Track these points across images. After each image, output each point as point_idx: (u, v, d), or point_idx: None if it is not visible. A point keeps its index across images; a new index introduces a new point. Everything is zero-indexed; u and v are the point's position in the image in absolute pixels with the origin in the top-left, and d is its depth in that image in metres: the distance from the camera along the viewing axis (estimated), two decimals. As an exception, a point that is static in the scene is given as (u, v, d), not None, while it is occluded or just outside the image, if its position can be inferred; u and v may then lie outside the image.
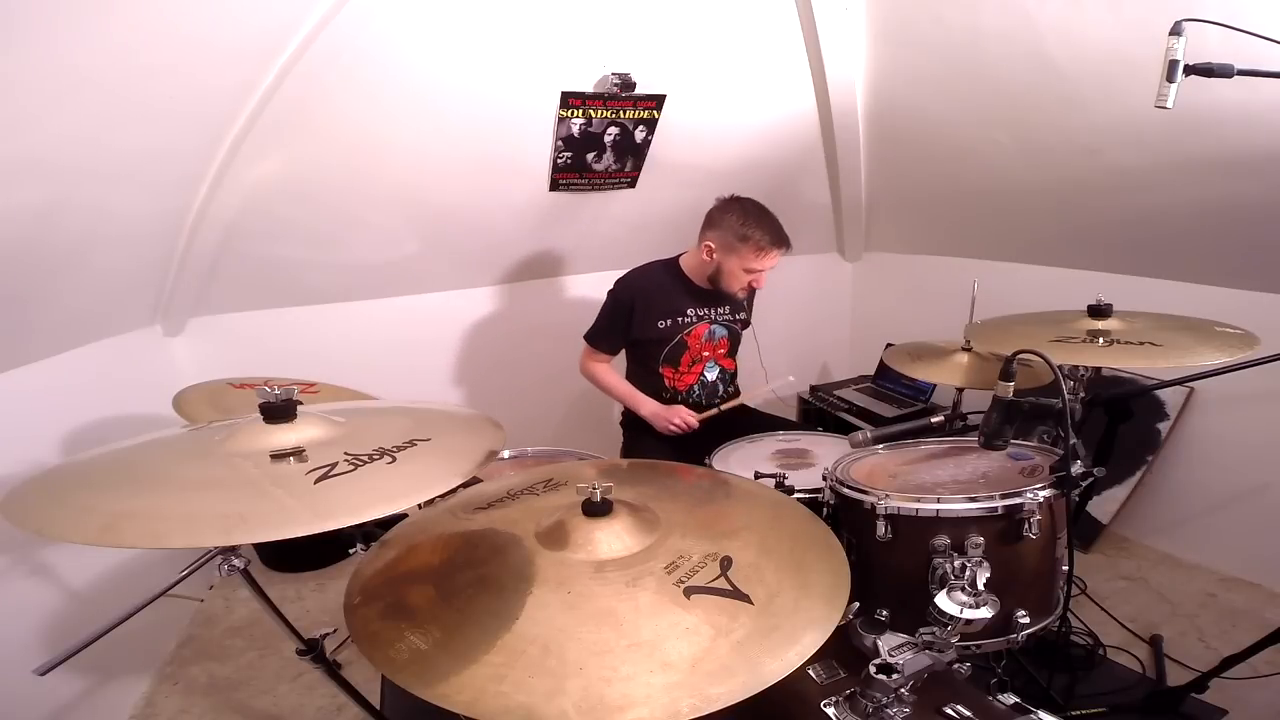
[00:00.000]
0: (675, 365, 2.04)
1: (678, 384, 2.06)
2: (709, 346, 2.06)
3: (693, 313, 2.01)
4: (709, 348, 2.06)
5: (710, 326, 2.05)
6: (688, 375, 2.06)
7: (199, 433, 0.99)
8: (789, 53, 2.38)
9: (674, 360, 2.03)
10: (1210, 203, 1.97)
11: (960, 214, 2.74)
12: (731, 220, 1.86)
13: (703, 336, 2.04)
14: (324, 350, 2.38)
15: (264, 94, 1.71)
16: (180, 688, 1.90)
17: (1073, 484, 1.21)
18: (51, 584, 1.65)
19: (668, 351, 2.02)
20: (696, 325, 2.02)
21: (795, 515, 1.06)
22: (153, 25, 1.33)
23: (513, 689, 0.70)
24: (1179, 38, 1.14)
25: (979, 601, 1.00)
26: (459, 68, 1.92)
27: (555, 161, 2.31)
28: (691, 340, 2.03)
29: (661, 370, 2.04)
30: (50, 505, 0.79)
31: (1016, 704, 0.99)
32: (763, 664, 0.74)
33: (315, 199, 2.07)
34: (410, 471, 0.86)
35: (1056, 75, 1.97)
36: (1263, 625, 1.65)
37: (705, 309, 2.03)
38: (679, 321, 2.00)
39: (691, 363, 2.05)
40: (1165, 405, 2.26)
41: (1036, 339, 1.51)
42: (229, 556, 0.96)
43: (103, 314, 1.91)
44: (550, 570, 0.87)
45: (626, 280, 2.03)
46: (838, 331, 3.47)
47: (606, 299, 2.05)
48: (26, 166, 1.31)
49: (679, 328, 2.00)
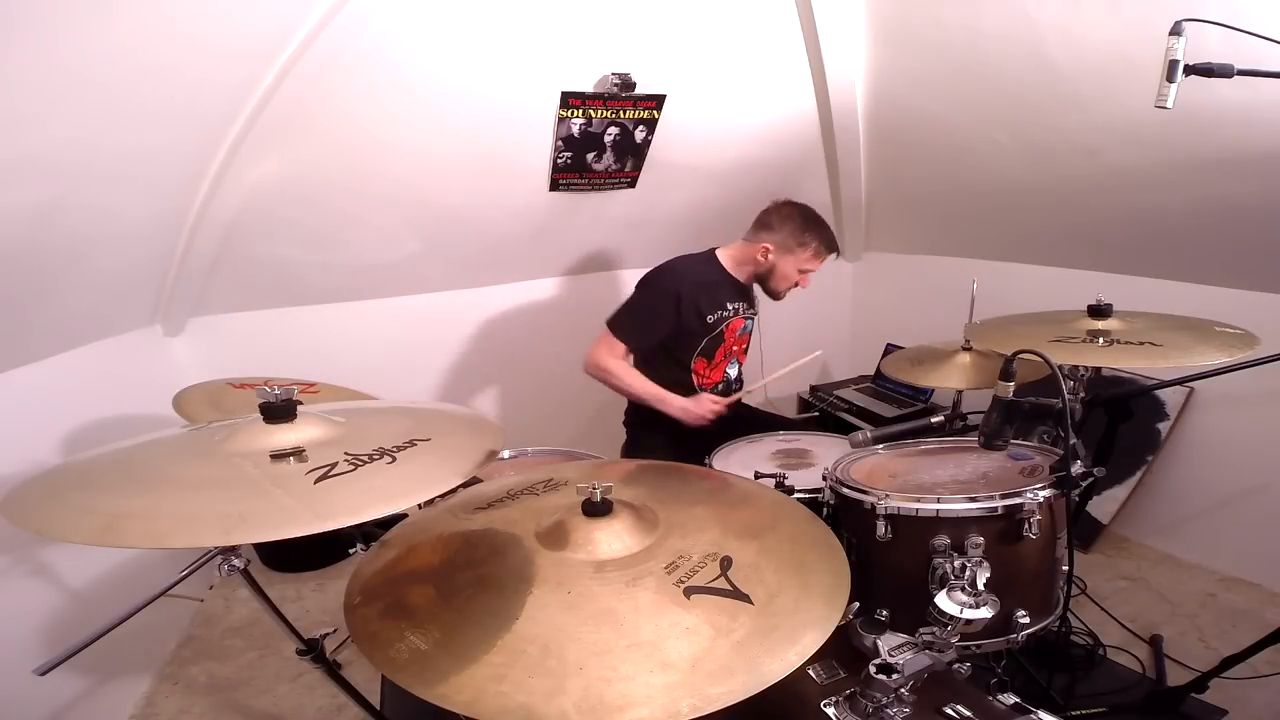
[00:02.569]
0: (710, 359, 2.03)
1: (705, 381, 2.05)
2: (739, 341, 2.08)
3: (731, 306, 2.02)
4: (739, 342, 2.08)
5: (744, 321, 2.06)
6: (715, 371, 2.06)
7: (199, 433, 0.99)
8: (789, 53, 2.38)
9: (710, 353, 2.02)
10: (1210, 203, 1.97)
11: (960, 214, 2.74)
12: (793, 225, 1.92)
13: (738, 330, 2.05)
14: (324, 350, 2.38)
15: (264, 94, 1.71)
16: (180, 688, 1.90)
17: (1073, 484, 1.21)
18: (51, 584, 1.65)
19: (706, 344, 1.99)
20: (734, 319, 2.03)
21: (795, 515, 1.05)
22: (153, 25, 1.33)
23: (513, 689, 0.70)
24: (1179, 38, 1.14)
25: (979, 601, 1.00)
26: (459, 68, 1.92)
27: (555, 161, 2.31)
28: (729, 334, 2.03)
29: (695, 365, 2.01)
30: (50, 505, 0.79)
31: (1016, 704, 0.98)
32: (763, 664, 0.74)
33: (315, 199, 2.07)
34: (410, 472, 0.86)
35: (1056, 75, 1.97)
36: (1263, 625, 1.65)
37: (739, 303, 2.04)
38: (721, 315, 1.99)
39: (724, 357, 2.06)
40: (1165, 405, 2.26)
41: (1036, 339, 1.51)
42: (229, 556, 0.95)
43: (103, 314, 1.91)
44: (550, 570, 0.87)
45: (670, 270, 1.97)
46: (838, 331, 3.46)
47: (645, 288, 1.97)
48: (26, 166, 1.31)
49: (721, 320, 2.00)
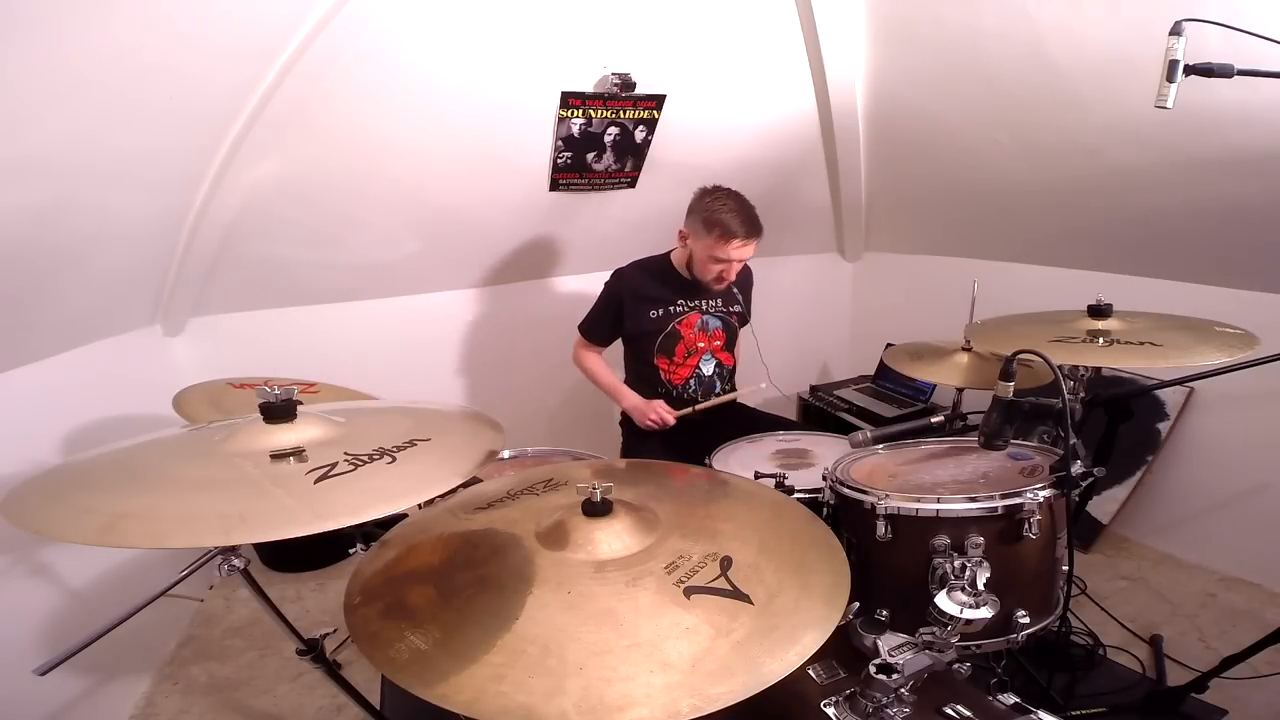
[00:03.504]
0: (670, 356, 2.05)
1: (673, 377, 2.06)
2: (703, 337, 2.06)
3: (682, 303, 2.03)
4: (703, 338, 2.07)
5: (702, 317, 2.05)
6: (683, 368, 2.06)
7: (199, 433, 0.99)
8: (789, 53, 2.38)
9: (669, 351, 2.04)
10: (1210, 203, 1.97)
11: (960, 214, 2.74)
12: (702, 208, 1.89)
13: (695, 326, 2.04)
14: (324, 350, 2.38)
15: (264, 94, 1.71)
16: (180, 688, 1.90)
17: (1073, 484, 1.21)
18: (51, 584, 1.65)
19: (661, 341, 2.03)
20: (688, 314, 2.03)
21: (795, 515, 1.06)
22: (153, 25, 1.33)
23: (513, 689, 0.70)
24: (1179, 38, 1.14)
25: (979, 601, 1.00)
26: (459, 68, 1.92)
27: (555, 161, 2.31)
28: (684, 329, 2.03)
29: (657, 362, 2.05)
30: (50, 505, 0.79)
31: (1016, 704, 0.99)
32: (763, 664, 0.74)
33: (315, 199, 2.07)
34: (410, 471, 0.86)
35: (1056, 75, 1.97)
36: (1263, 625, 1.65)
37: (695, 299, 2.04)
38: (669, 311, 2.02)
39: (687, 354, 2.05)
40: (1165, 405, 2.26)
41: (1036, 339, 1.51)
42: (229, 556, 0.96)
43: (103, 314, 1.91)
44: (550, 570, 0.87)
45: (618, 273, 2.09)
46: (838, 331, 3.47)
47: (602, 292, 2.10)
48: (27, 166, 1.31)
49: (670, 317, 2.02)
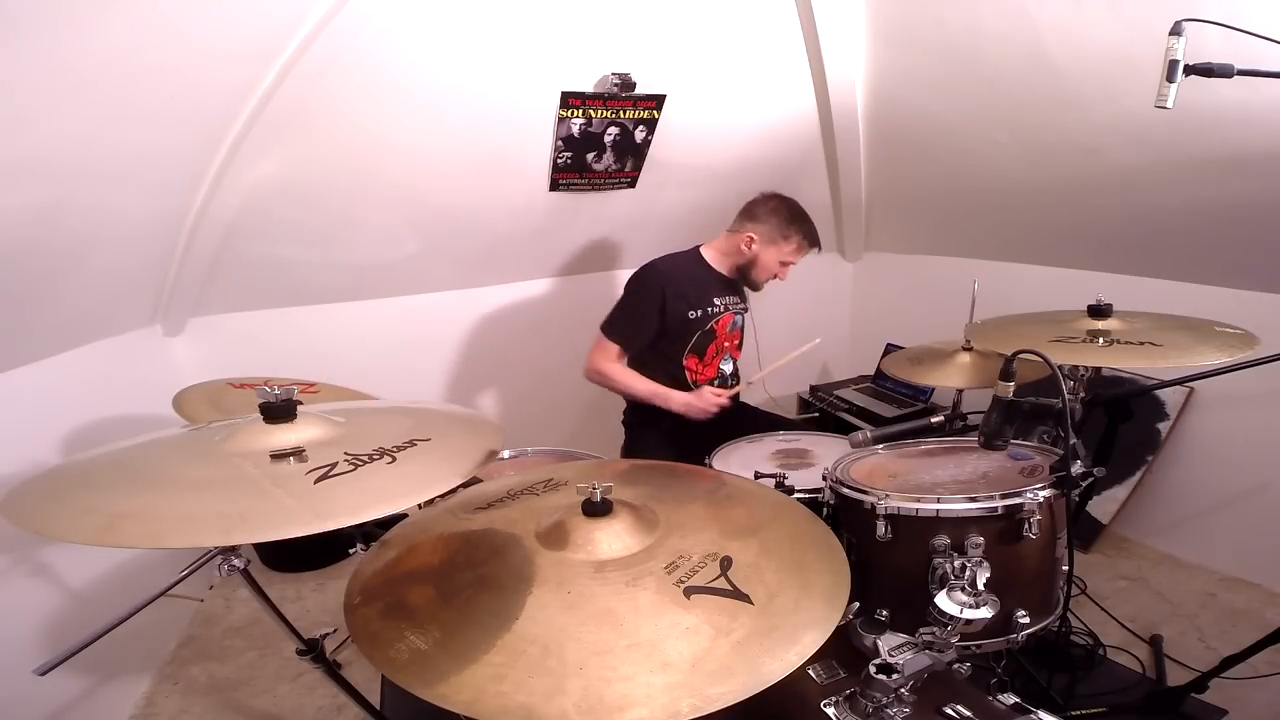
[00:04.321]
0: (701, 356, 2.03)
1: (699, 377, 2.05)
2: (730, 337, 2.07)
3: (720, 302, 2.02)
4: (730, 338, 2.08)
5: (734, 317, 2.06)
6: (709, 368, 2.06)
7: (199, 433, 0.99)
8: (789, 53, 2.38)
9: (701, 350, 2.02)
10: (1210, 203, 1.97)
11: (960, 214, 2.74)
12: (779, 218, 1.93)
13: (728, 326, 2.05)
14: (324, 350, 2.38)
15: (264, 94, 1.71)
16: (180, 688, 1.90)
17: (1073, 484, 1.21)
18: (51, 584, 1.65)
19: (696, 342, 2.00)
20: (724, 315, 2.03)
21: (795, 515, 1.05)
22: (153, 25, 1.33)
23: (513, 689, 0.70)
24: (1179, 38, 1.14)
25: (979, 601, 1.00)
26: (459, 68, 1.92)
27: (555, 161, 2.31)
28: (719, 330, 2.03)
29: (686, 361, 2.01)
30: (50, 505, 0.79)
31: (1016, 704, 0.98)
32: (763, 664, 0.74)
33: (315, 199, 2.07)
34: (410, 472, 0.86)
35: (1056, 75, 1.97)
36: (1263, 625, 1.65)
37: (728, 298, 2.04)
38: (708, 311, 1.99)
39: (716, 354, 2.05)
40: (1165, 405, 2.26)
41: (1036, 339, 1.51)
42: (229, 556, 0.96)
43: (103, 314, 1.91)
44: (550, 570, 0.87)
45: (654, 268, 1.97)
46: (838, 331, 3.46)
47: (630, 289, 1.97)
48: (26, 166, 1.31)
49: (709, 317, 2.00)
